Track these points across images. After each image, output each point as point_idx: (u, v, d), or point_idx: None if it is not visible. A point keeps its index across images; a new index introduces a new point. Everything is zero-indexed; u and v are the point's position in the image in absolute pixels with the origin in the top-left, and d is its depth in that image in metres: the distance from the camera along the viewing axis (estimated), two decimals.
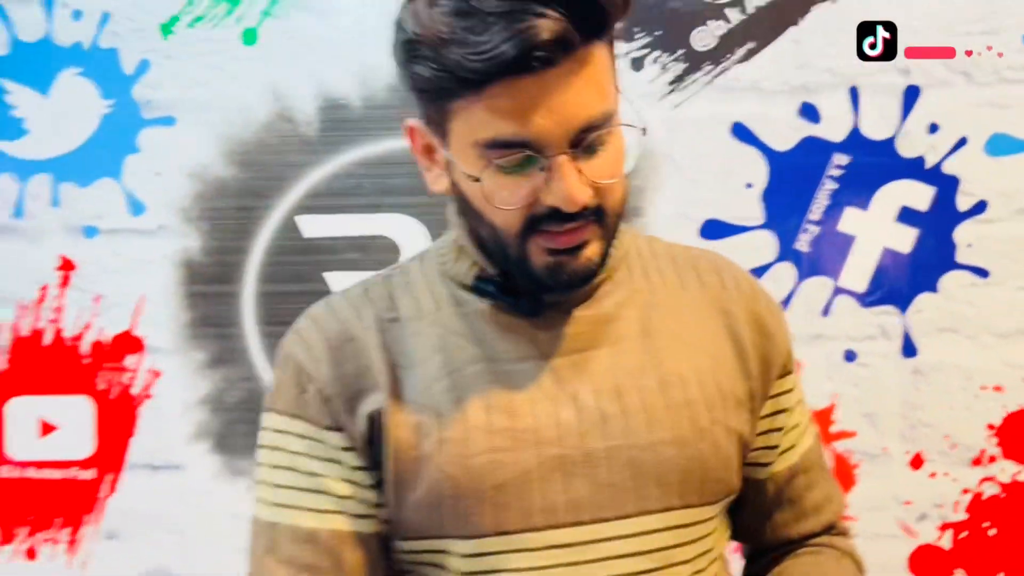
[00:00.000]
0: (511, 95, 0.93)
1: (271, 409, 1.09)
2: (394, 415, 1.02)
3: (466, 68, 0.92)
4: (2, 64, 1.94)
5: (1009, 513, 1.93)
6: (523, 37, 0.90)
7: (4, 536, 1.97)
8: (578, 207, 0.95)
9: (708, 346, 1.09)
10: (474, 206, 1.01)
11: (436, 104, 0.99)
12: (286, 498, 1.06)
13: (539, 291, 1.04)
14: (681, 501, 1.04)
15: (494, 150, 0.95)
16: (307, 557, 1.04)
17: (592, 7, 0.93)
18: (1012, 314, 1.91)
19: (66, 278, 1.95)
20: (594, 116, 0.95)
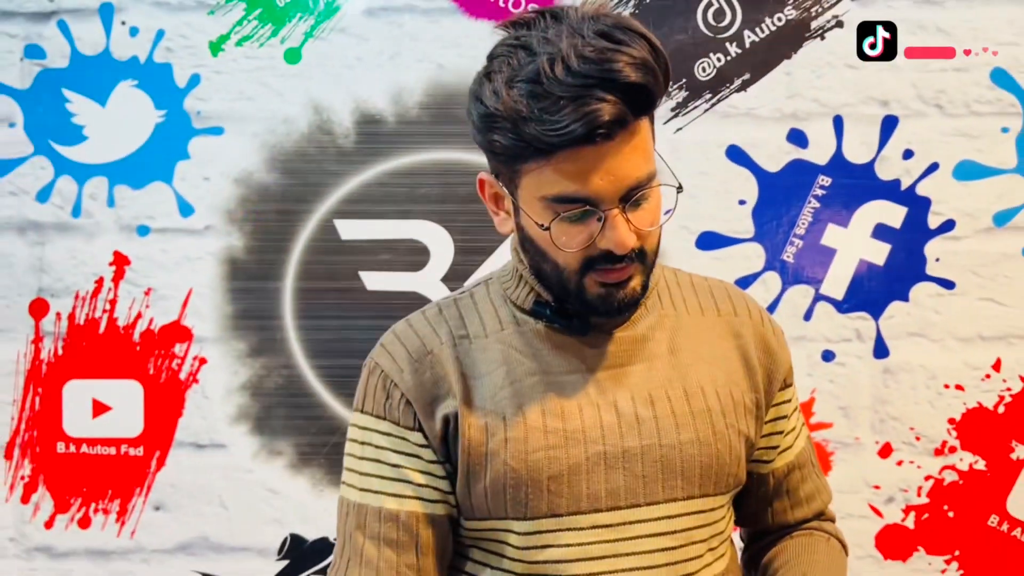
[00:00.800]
0: (575, 161, 1.12)
1: (360, 411, 1.27)
2: (466, 418, 1.22)
3: (543, 141, 1.11)
4: (64, 76, 2.08)
5: (966, 498, 2.09)
6: (589, 119, 1.09)
7: (60, 506, 2.11)
8: (627, 251, 1.15)
9: (723, 363, 1.29)
10: (539, 246, 1.20)
11: (509, 165, 1.18)
12: (372, 484, 1.25)
13: (590, 315, 1.23)
14: (700, 491, 1.24)
15: (560, 204, 1.15)
16: (390, 533, 1.23)
17: (642, 93, 1.12)
18: (974, 322, 2.08)
19: (120, 272, 2.10)
20: (641, 178, 1.15)
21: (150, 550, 2.11)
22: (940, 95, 2.07)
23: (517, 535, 1.22)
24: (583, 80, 1.09)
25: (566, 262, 1.18)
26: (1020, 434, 2.09)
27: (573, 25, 1.13)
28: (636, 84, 1.10)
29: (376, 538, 1.23)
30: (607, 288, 1.19)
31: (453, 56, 2.08)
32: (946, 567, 2.10)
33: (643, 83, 1.11)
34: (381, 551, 1.23)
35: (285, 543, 2.11)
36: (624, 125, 1.12)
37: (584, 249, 1.16)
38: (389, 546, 1.23)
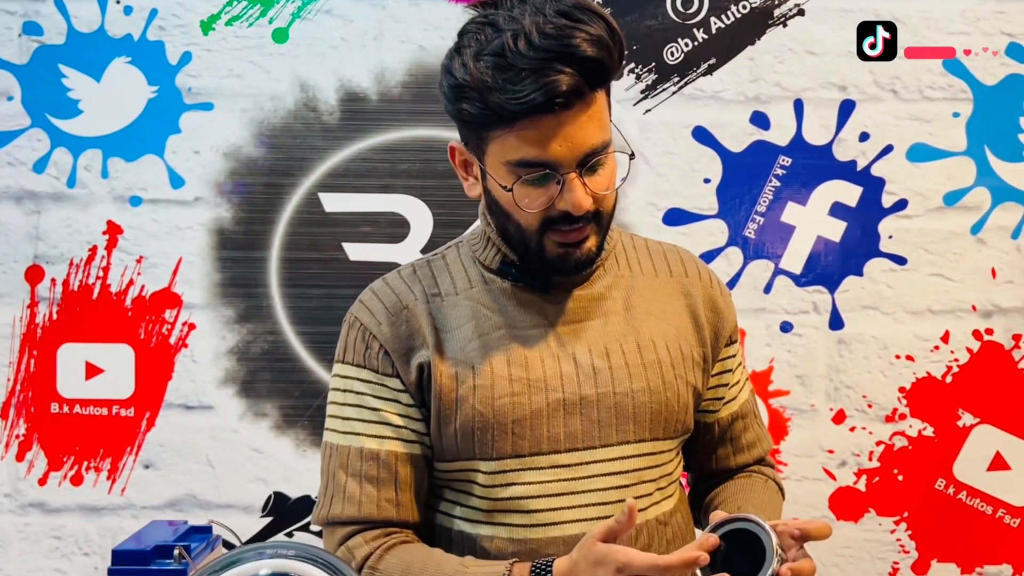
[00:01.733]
0: (536, 128, 1.24)
1: (341, 361, 1.38)
2: (438, 367, 1.33)
3: (506, 109, 1.22)
4: (60, 52, 2.16)
5: (915, 463, 2.19)
6: (547, 88, 1.21)
7: (54, 464, 2.19)
8: (583, 212, 1.27)
9: (673, 319, 1.41)
10: (504, 208, 1.31)
11: (476, 132, 1.29)
12: (355, 427, 1.37)
13: (550, 274, 1.34)
14: (651, 435, 1.36)
15: (522, 168, 1.26)
16: (370, 471, 1.35)
17: (598, 67, 1.23)
18: (924, 296, 2.19)
19: (113, 241, 2.18)
20: (596, 145, 1.26)
21: (140, 506, 2.20)
22: (895, 81, 2.18)
23: (484, 474, 1.33)
24: (544, 54, 1.20)
25: (527, 222, 1.29)
26: (967, 403, 2.20)
27: (536, 5, 1.24)
28: (592, 58, 1.22)
29: (358, 475, 1.35)
30: (565, 248, 1.30)
31: (435, 38, 2.18)
32: (895, 528, 2.21)
33: (598, 58, 1.23)
34: (363, 487, 1.34)
35: (269, 500, 2.21)
36: (581, 96, 1.23)
37: (544, 210, 1.28)
38: (370, 482, 1.34)
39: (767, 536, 1.18)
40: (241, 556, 1.19)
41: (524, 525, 1.33)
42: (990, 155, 2.19)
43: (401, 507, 1.35)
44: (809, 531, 1.21)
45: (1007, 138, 2.19)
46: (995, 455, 2.20)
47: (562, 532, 1.32)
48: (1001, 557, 2.22)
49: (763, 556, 1.17)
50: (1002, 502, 2.21)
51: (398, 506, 1.35)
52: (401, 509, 1.35)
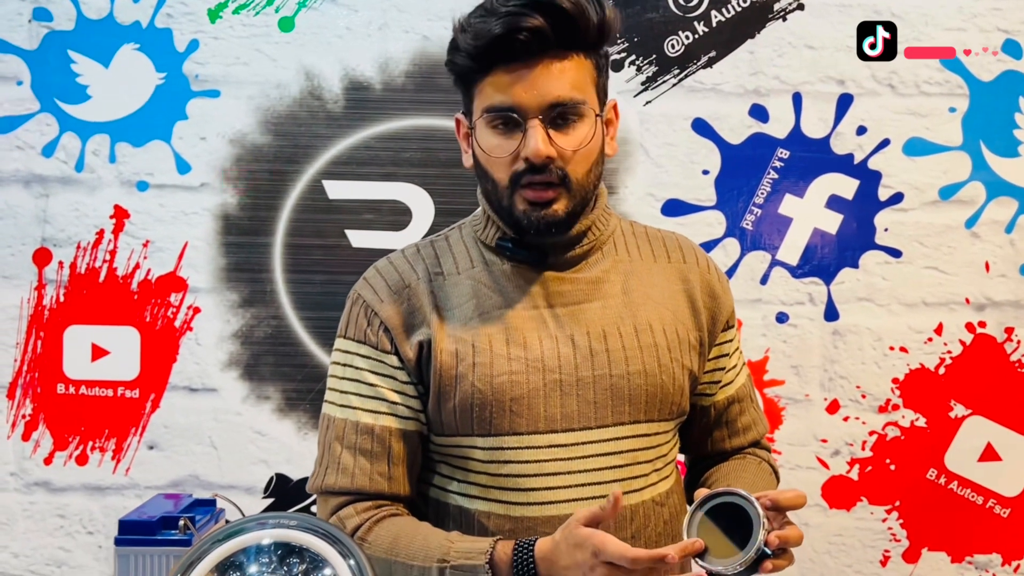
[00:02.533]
0: (507, 75, 1.30)
1: (343, 336, 1.42)
2: (438, 344, 1.36)
3: (471, 44, 1.29)
4: (69, 38, 2.19)
5: (907, 453, 2.22)
6: (510, 24, 1.27)
7: (59, 443, 2.23)
8: (541, 158, 1.31)
9: (671, 304, 1.44)
10: (483, 167, 1.36)
11: (466, 89, 1.35)
12: (352, 401, 1.40)
13: (521, 234, 1.37)
14: (646, 416, 1.39)
15: (491, 114, 1.32)
16: (365, 444, 1.38)
17: (568, 21, 1.29)
18: (918, 288, 2.22)
19: (120, 225, 2.22)
20: (563, 97, 1.31)
21: (143, 486, 2.24)
22: (892, 75, 2.21)
23: (481, 450, 1.36)
24: (520, 3, 1.28)
25: (499, 176, 1.34)
26: (959, 394, 2.23)
27: None
28: (563, 9, 1.28)
29: (352, 448, 1.38)
30: (531, 206, 1.34)
31: (439, 28, 2.21)
32: (887, 516, 2.24)
33: (570, 12, 1.29)
34: (356, 459, 1.38)
35: (271, 482, 2.24)
36: (545, 43, 1.28)
37: (511, 162, 1.32)
38: (364, 455, 1.38)
39: (753, 508, 1.21)
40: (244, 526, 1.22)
41: (520, 503, 1.36)
42: (985, 150, 2.22)
43: (393, 481, 1.39)
44: (779, 501, 1.24)
45: (1002, 134, 2.22)
46: (986, 446, 2.23)
47: (558, 511, 1.35)
48: (990, 546, 2.25)
49: (750, 527, 1.20)
50: (992, 492, 2.24)
51: (390, 480, 1.38)
52: (393, 483, 1.39)
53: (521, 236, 1.38)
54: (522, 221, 1.35)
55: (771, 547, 1.21)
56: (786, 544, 1.23)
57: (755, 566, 1.21)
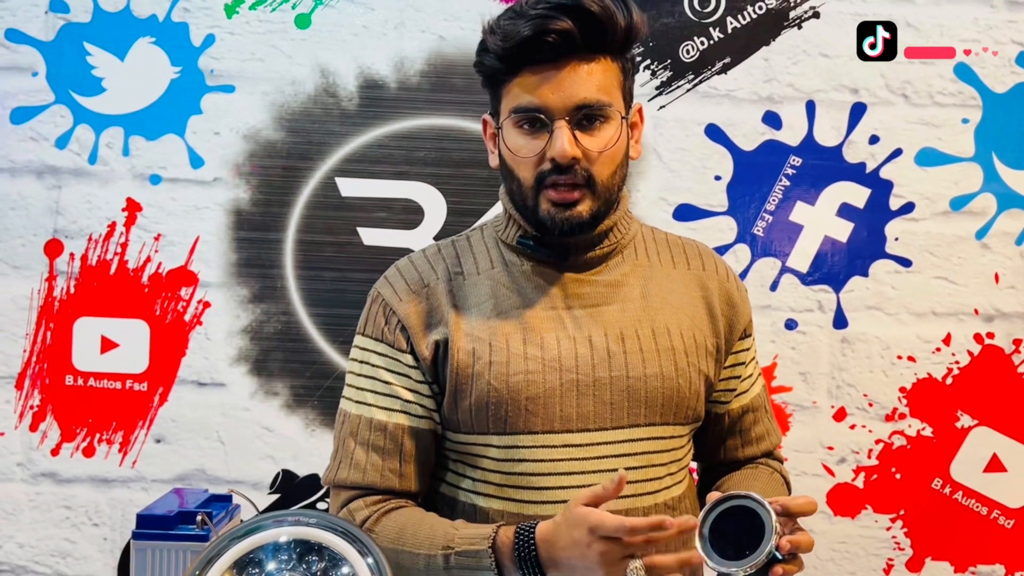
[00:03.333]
0: (534, 76, 1.31)
1: (362, 334, 1.43)
2: (456, 343, 1.37)
3: (500, 46, 1.30)
4: (85, 30, 2.19)
5: (912, 462, 2.23)
6: (539, 26, 1.28)
7: (66, 435, 2.23)
8: (567, 159, 1.32)
9: (689, 309, 1.44)
10: (509, 166, 1.37)
11: (494, 91, 1.36)
12: (367, 398, 1.41)
13: (544, 235, 1.38)
14: (661, 419, 1.39)
15: (518, 114, 1.33)
16: (378, 441, 1.40)
17: (596, 25, 1.30)
18: (927, 298, 2.22)
19: (132, 218, 2.22)
20: (589, 99, 1.32)
21: (150, 480, 2.24)
22: (906, 85, 2.22)
23: (496, 448, 1.37)
24: (549, 5, 1.29)
25: (524, 175, 1.35)
26: (966, 404, 2.23)
27: None
28: (591, 13, 1.29)
29: (366, 444, 1.40)
30: (556, 207, 1.35)
31: (454, 28, 2.21)
32: (891, 525, 2.25)
33: (598, 16, 1.30)
34: (369, 455, 1.39)
35: (277, 478, 2.24)
36: (572, 43, 1.29)
37: (537, 163, 1.33)
38: (376, 452, 1.39)
39: (766, 512, 1.22)
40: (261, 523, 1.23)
41: (534, 501, 1.36)
42: (997, 162, 2.22)
43: (404, 478, 1.40)
44: (789, 506, 1.24)
45: (1015, 145, 2.22)
46: (992, 457, 2.24)
47: None
48: (994, 557, 2.25)
49: (762, 531, 1.21)
50: (997, 503, 2.24)
51: (401, 476, 1.40)
52: (403, 480, 1.40)
53: (543, 236, 1.39)
54: (546, 221, 1.35)
55: (782, 551, 1.21)
56: (797, 549, 1.23)
57: (765, 570, 1.22)
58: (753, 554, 1.20)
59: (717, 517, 1.24)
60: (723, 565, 1.21)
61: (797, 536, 1.23)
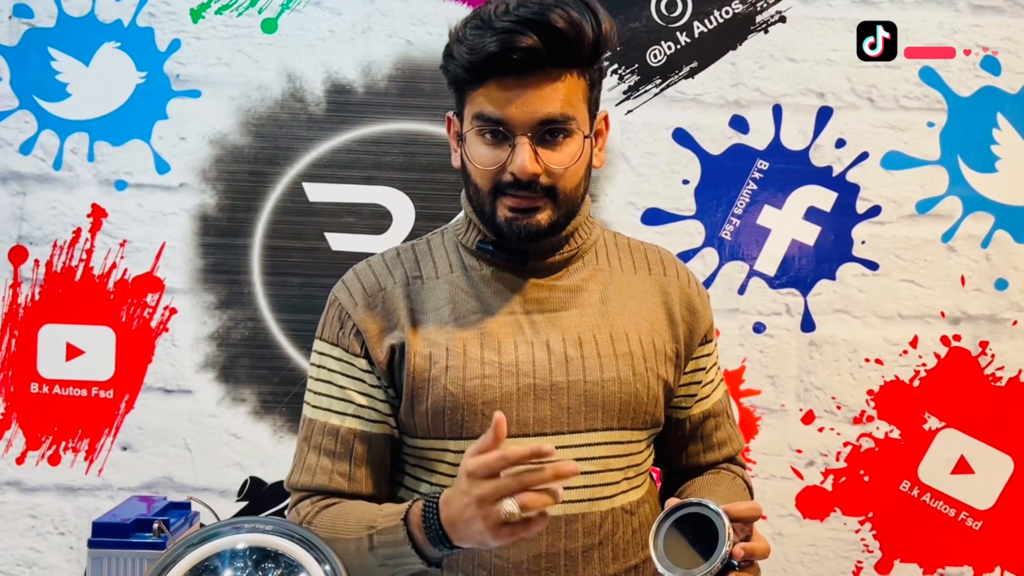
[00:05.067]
0: (500, 88, 1.30)
1: (320, 338, 1.43)
2: (412, 347, 1.37)
3: (466, 59, 1.30)
4: (50, 35, 2.18)
5: (881, 464, 2.24)
6: (504, 42, 1.28)
7: (32, 443, 2.21)
8: (528, 176, 1.31)
9: (648, 315, 1.44)
10: (467, 171, 1.37)
11: (459, 94, 1.36)
12: (322, 403, 1.42)
13: (502, 240, 1.38)
14: (619, 424, 1.39)
15: (481, 121, 1.32)
16: (329, 445, 1.40)
17: (563, 41, 1.29)
18: (894, 301, 2.24)
19: (97, 224, 2.20)
20: (553, 115, 1.31)
21: (116, 487, 2.22)
22: (872, 89, 2.23)
23: (453, 453, 1.37)
24: (516, 19, 1.28)
25: (482, 183, 1.35)
26: (933, 406, 2.24)
27: None
28: (559, 31, 1.28)
29: (318, 448, 1.41)
30: (514, 213, 1.35)
31: (422, 33, 2.21)
32: (860, 527, 2.25)
33: (566, 33, 1.29)
34: (319, 459, 1.40)
35: (245, 485, 2.23)
36: (538, 59, 1.29)
37: (495, 173, 1.33)
38: (326, 455, 1.40)
39: (719, 519, 1.22)
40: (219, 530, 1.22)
41: None
42: (963, 165, 2.23)
43: (353, 481, 1.40)
44: (731, 512, 1.24)
45: (980, 149, 2.23)
46: (959, 459, 2.25)
47: None
48: (962, 559, 2.26)
49: (716, 539, 1.21)
50: (965, 505, 2.25)
51: (350, 480, 1.40)
52: (353, 483, 1.40)
53: (502, 241, 1.39)
54: (503, 227, 1.35)
55: (736, 559, 1.21)
56: (752, 556, 1.23)
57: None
58: (706, 562, 1.20)
59: (671, 525, 1.24)
60: (676, 573, 1.21)
61: (752, 543, 1.23)
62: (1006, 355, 2.25)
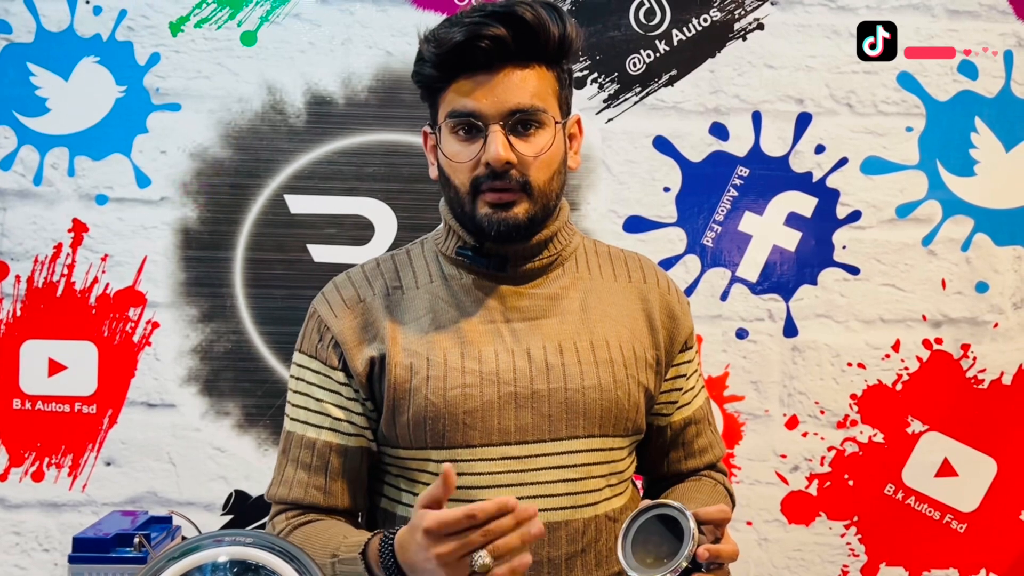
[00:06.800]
0: (470, 82, 1.32)
1: (299, 350, 1.42)
2: (393, 358, 1.36)
3: (433, 53, 1.31)
4: (29, 50, 2.17)
5: (865, 468, 2.24)
6: (471, 32, 1.29)
7: (15, 460, 2.20)
8: (501, 163, 1.32)
9: (629, 322, 1.44)
10: (446, 174, 1.37)
11: (431, 100, 1.37)
12: (300, 415, 1.42)
13: (483, 240, 1.38)
14: (600, 431, 1.39)
15: (453, 119, 1.33)
16: (305, 458, 1.41)
17: (527, 30, 1.31)
18: (876, 305, 2.25)
19: (78, 239, 2.19)
20: (523, 104, 1.33)
21: (100, 503, 2.21)
22: (851, 95, 2.24)
23: (435, 463, 1.37)
24: (483, 14, 1.30)
25: (460, 182, 1.36)
26: (916, 410, 2.25)
27: None
28: (525, 21, 1.30)
29: (295, 461, 1.42)
30: (492, 209, 1.35)
31: (402, 44, 2.21)
32: (845, 531, 2.26)
33: (531, 23, 1.31)
34: (296, 472, 1.41)
35: (230, 499, 2.22)
36: (506, 50, 1.31)
37: (472, 169, 1.34)
38: (303, 468, 1.41)
39: (685, 519, 1.22)
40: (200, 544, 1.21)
41: None
42: (941, 169, 2.24)
43: (329, 495, 1.40)
44: (700, 515, 1.24)
45: (958, 153, 2.25)
46: (943, 462, 2.25)
47: None
48: (948, 561, 2.27)
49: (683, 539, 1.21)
50: (949, 507, 2.26)
51: (326, 493, 1.40)
52: (328, 496, 1.41)
53: (482, 244, 1.39)
54: (483, 223, 1.35)
55: (700, 559, 1.22)
56: (718, 558, 1.24)
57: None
58: (671, 562, 1.21)
59: (641, 526, 1.25)
60: (640, 572, 1.22)
61: (718, 545, 1.24)
62: (988, 357, 2.25)
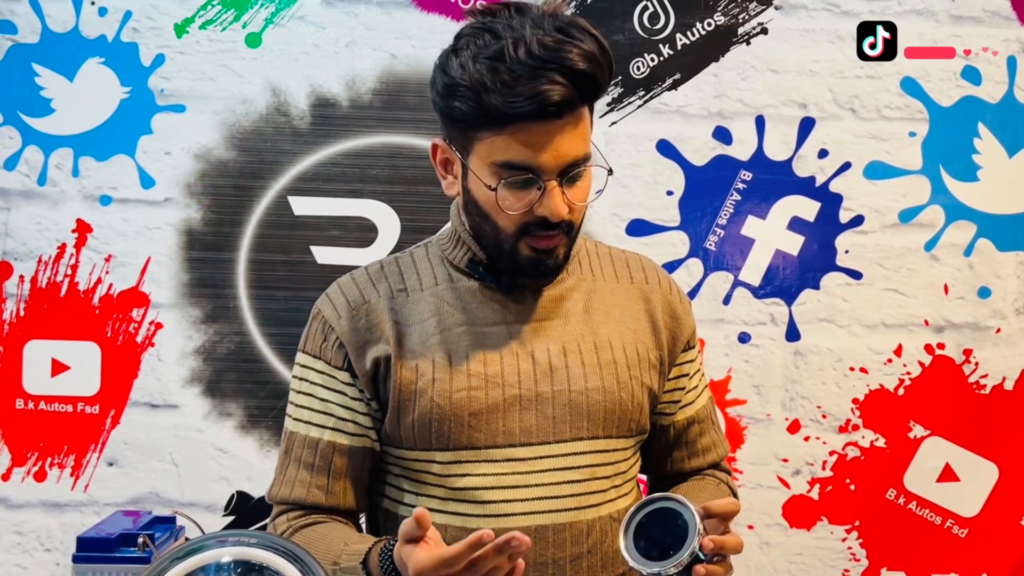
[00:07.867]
0: (526, 133, 1.28)
1: (302, 351, 1.43)
2: (398, 360, 1.37)
3: (501, 112, 1.26)
4: (34, 51, 2.18)
5: (866, 473, 2.25)
6: (540, 97, 1.25)
7: (17, 460, 2.20)
8: (560, 219, 1.31)
9: (631, 323, 1.45)
10: (484, 209, 1.35)
11: (464, 132, 1.32)
12: (303, 415, 1.42)
13: (518, 276, 1.38)
14: (604, 432, 1.40)
15: (507, 169, 1.30)
16: (308, 458, 1.41)
17: (589, 81, 1.28)
18: (878, 310, 2.25)
19: (82, 239, 2.20)
20: (579, 156, 1.31)
21: (103, 503, 2.21)
22: (854, 100, 2.24)
23: (439, 464, 1.37)
24: (540, 63, 1.25)
25: (505, 224, 1.34)
26: (918, 415, 2.26)
27: (534, 18, 1.30)
28: (584, 72, 1.27)
29: (298, 461, 1.42)
30: (537, 253, 1.35)
31: (406, 46, 2.22)
32: (846, 536, 2.26)
33: (591, 72, 1.28)
34: (299, 472, 1.41)
35: (232, 500, 2.23)
36: (571, 107, 1.28)
37: (523, 214, 1.32)
38: (305, 468, 1.41)
39: (689, 513, 1.23)
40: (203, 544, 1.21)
41: (477, 515, 1.36)
42: (944, 174, 2.25)
43: (331, 495, 1.41)
44: (711, 508, 1.24)
45: (961, 158, 2.25)
46: (945, 467, 2.26)
47: (515, 523, 1.35)
48: (949, 566, 2.27)
49: (686, 533, 1.21)
50: (951, 512, 2.26)
51: (328, 493, 1.41)
52: (331, 496, 1.41)
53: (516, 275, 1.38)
54: (526, 267, 1.35)
55: (706, 551, 1.22)
56: (722, 550, 1.24)
57: (688, 570, 1.22)
58: (676, 554, 1.21)
59: (643, 519, 1.25)
60: (646, 565, 1.22)
61: (723, 537, 1.24)
62: (990, 363, 2.26)
